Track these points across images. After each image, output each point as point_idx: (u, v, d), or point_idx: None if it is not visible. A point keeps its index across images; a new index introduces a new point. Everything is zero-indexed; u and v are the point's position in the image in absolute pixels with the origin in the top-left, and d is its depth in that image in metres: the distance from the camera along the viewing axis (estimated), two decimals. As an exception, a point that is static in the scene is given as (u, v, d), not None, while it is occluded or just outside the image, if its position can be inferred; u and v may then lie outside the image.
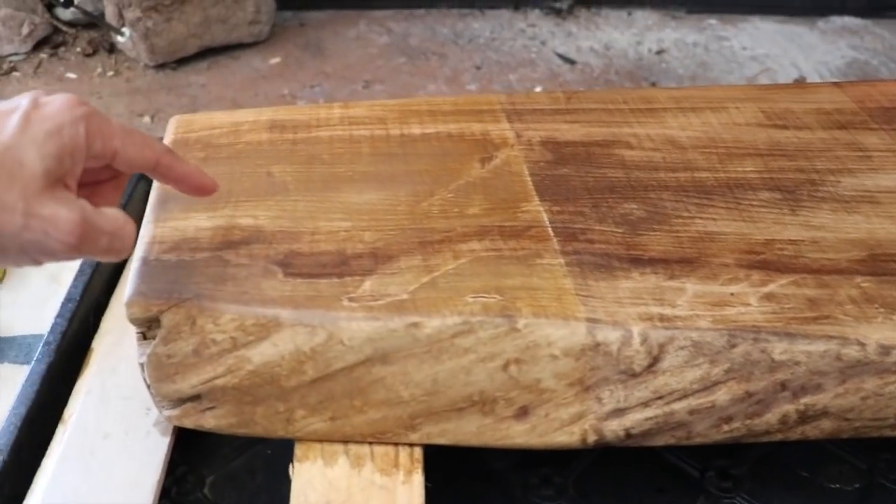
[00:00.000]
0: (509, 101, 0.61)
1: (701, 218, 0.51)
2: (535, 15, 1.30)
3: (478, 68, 1.14)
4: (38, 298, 0.68)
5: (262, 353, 0.43)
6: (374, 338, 0.43)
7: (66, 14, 2.19)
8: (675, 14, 1.30)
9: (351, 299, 0.44)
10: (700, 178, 0.54)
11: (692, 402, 0.45)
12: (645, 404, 0.45)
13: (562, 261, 0.47)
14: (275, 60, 1.11)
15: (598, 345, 0.44)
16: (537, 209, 0.51)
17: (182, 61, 1.90)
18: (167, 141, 0.57)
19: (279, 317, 0.43)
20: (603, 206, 0.51)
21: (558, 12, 1.26)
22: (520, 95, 0.62)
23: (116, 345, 0.57)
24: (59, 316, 0.56)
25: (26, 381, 0.52)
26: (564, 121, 0.59)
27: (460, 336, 0.43)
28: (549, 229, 0.49)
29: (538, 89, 1.09)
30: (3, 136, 0.36)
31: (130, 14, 1.68)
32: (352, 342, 0.43)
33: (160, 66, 1.93)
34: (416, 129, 0.58)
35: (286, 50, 1.17)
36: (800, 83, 0.67)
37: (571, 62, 1.15)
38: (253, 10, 1.15)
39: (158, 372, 0.44)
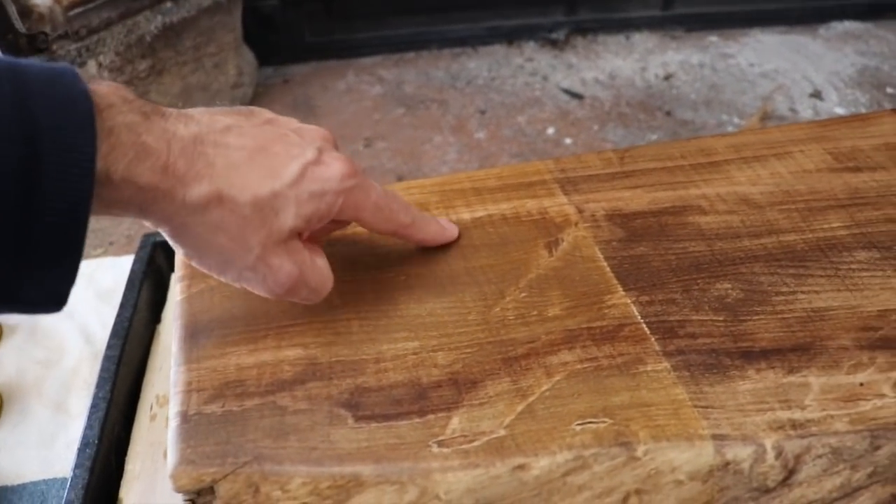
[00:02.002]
0: (559, 169, 0.55)
1: (803, 292, 0.45)
2: (531, 48, 1.24)
3: (482, 113, 1.07)
4: (44, 435, 0.60)
5: (342, 519, 0.36)
6: (475, 487, 0.36)
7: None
8: (673, 34, 1.25)
9: (440, 443, 0.37)
10: (787, 241, 0.49)
11: (831, 510, 0.40)
12: (780, 520, 0.40)
13: (667, 364, 0.41)
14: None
15: (727, 464, 0.38)
16: (624, 301, 0.45)
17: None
18: (177, 266, 0.50)
19: (360, 475, 0.36)
20: (694, 288, 0.45)
21: (555, 43, 1.20)
22: (569, 160, 0.56)
23: (148, 492, 0.50)
24: (77, 466, 0.49)
25: (49, 555, 0.44)
26: (624, 186, 0.53)
27: (573, 473, 0.37)
28: (644, 326, 0.43)
29: (550, 131, 1.03)
30: (276, 184, 0.38)
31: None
32: (449, 496, 0.36)
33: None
34: (464, 214, 0.51)
35: (273, 111, 1.09)
36: (858, 115, 0.62)
37: (579, 97, 1.10)
38: (235, 72, 1.07)
39: (217, 549, 0.37)
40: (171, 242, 0.39)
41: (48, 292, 0.32)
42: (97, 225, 0.87)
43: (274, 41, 1.26)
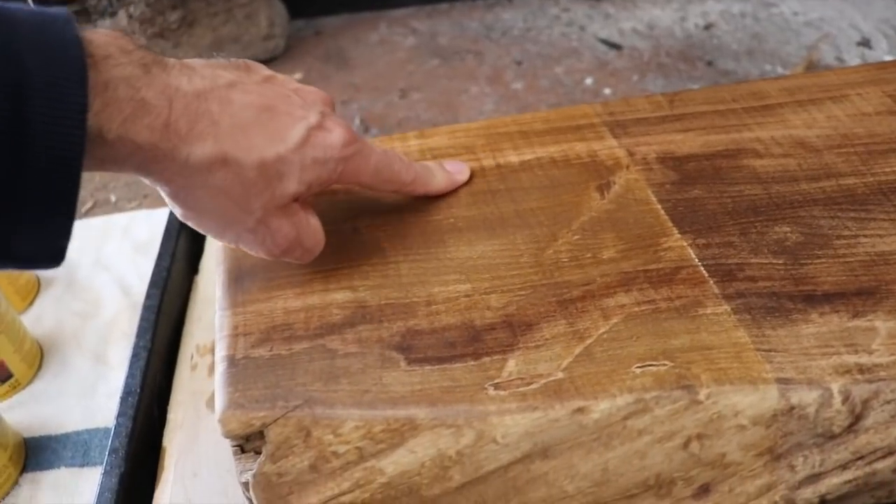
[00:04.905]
0: (607, 112, 0.53)
1: (865, 236, 0.44)
2: (566, -2, 1.21)
3: (518, 64, 1.05)
4: (85, 385, 0.60)
5: (396, 463, 0.36)
6: (533, 431, 0.35)
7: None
8: (713, -19, 1.22)
9: (497, 386, 0.36)
10: (847, 185, 0.47)
11: (897, 458, 0.39)
12: (843, 467, 0.38)
13: (727, 307, 0.40)
14: (297, 76, 1.01)
15: (792, 408, 0.37)
16: (680, 244, 0.43)
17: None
18: None
19: (415, 418, 0.36)
20: (752, 232, 0.44)
21: (592, -8, 1.17)
22: (618, 103, 0.54)
23: (191, 440, 0.49)
24: (120, 415, 0.48)
25: (98, 500, 0.44)
26: (675, 130, 0.51)
27: (633, 417, 0.36)
28: (702, 268, 0.42)
29: (588, 81, 1.00)
30: (281, 147, 0.37)
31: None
32: (506, 439, 0.35)
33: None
34: (512, 157, 0.50)
35: (307, 63, 1.07)
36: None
37: (618, 47, 1.07)
38: (266, 23, 1.05)
39: (269, 493, 0.37)
40: (168, 203, 0.38)
41: (43, 247, 0.31)
42: (131, 179, 0.86)
43: (305, -8, 1.24)
